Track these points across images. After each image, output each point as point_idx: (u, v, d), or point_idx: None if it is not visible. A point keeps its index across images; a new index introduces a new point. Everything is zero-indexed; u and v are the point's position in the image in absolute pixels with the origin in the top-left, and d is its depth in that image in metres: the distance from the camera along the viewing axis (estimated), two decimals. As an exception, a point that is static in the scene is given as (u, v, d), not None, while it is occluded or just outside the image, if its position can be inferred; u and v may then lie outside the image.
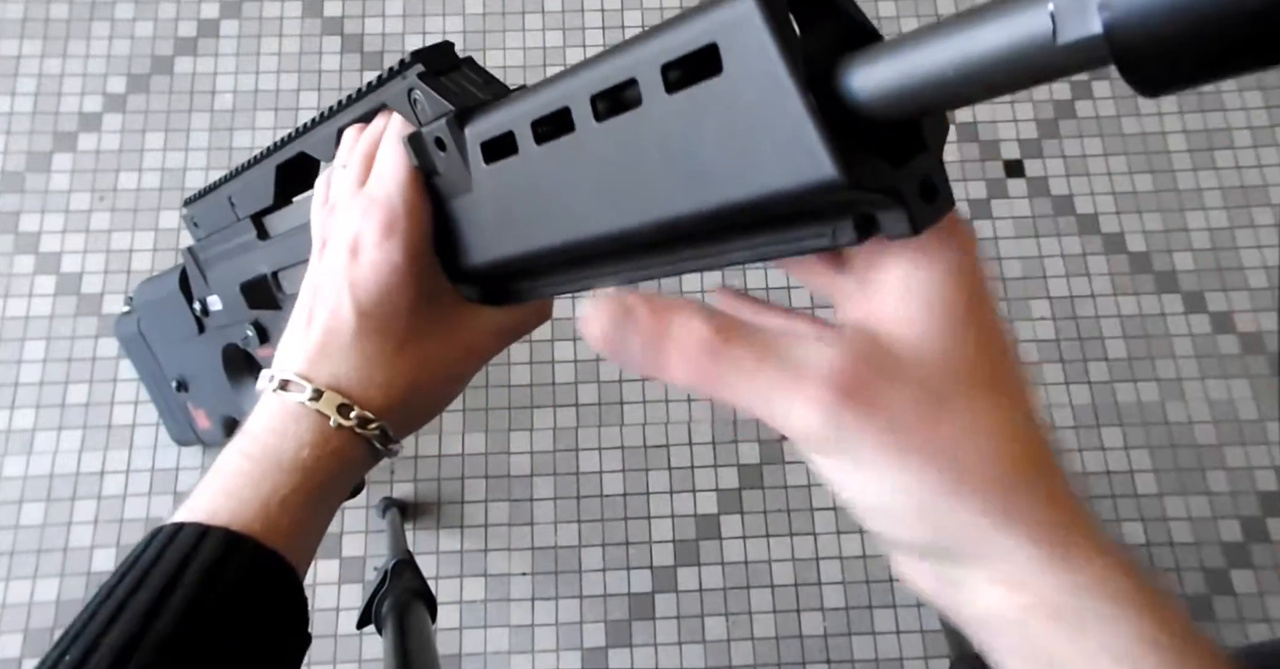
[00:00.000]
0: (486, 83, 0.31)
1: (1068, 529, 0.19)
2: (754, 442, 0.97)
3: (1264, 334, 1.00)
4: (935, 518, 0.19)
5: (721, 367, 0.19)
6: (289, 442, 0.29)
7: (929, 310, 0.19)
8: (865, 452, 0.19)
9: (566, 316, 1.00)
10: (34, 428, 0.95)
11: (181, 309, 0.57)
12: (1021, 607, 0.19)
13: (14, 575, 0.90)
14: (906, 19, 1.12)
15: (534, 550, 0.93)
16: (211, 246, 0.50)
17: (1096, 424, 0.98)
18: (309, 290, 0.32)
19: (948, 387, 0.19)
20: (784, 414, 0.19)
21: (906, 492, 0.19)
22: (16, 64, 1.07)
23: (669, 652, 0.90)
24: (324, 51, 1.10)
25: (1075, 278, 1.03)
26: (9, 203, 1.02)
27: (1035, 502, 0.19)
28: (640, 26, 1.11)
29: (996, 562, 0.19)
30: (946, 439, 0.18)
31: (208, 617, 0.26)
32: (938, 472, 0.18)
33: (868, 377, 0.18)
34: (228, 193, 0.46)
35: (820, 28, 0.19)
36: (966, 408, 0.19)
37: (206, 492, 0.29)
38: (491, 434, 0.97)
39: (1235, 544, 0.94)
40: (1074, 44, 0.15)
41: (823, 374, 0.18)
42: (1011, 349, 0.21)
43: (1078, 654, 0.18)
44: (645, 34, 0.21)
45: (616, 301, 0.21)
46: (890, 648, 0.91)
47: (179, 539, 0.27)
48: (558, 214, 0.25)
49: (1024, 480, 0.19)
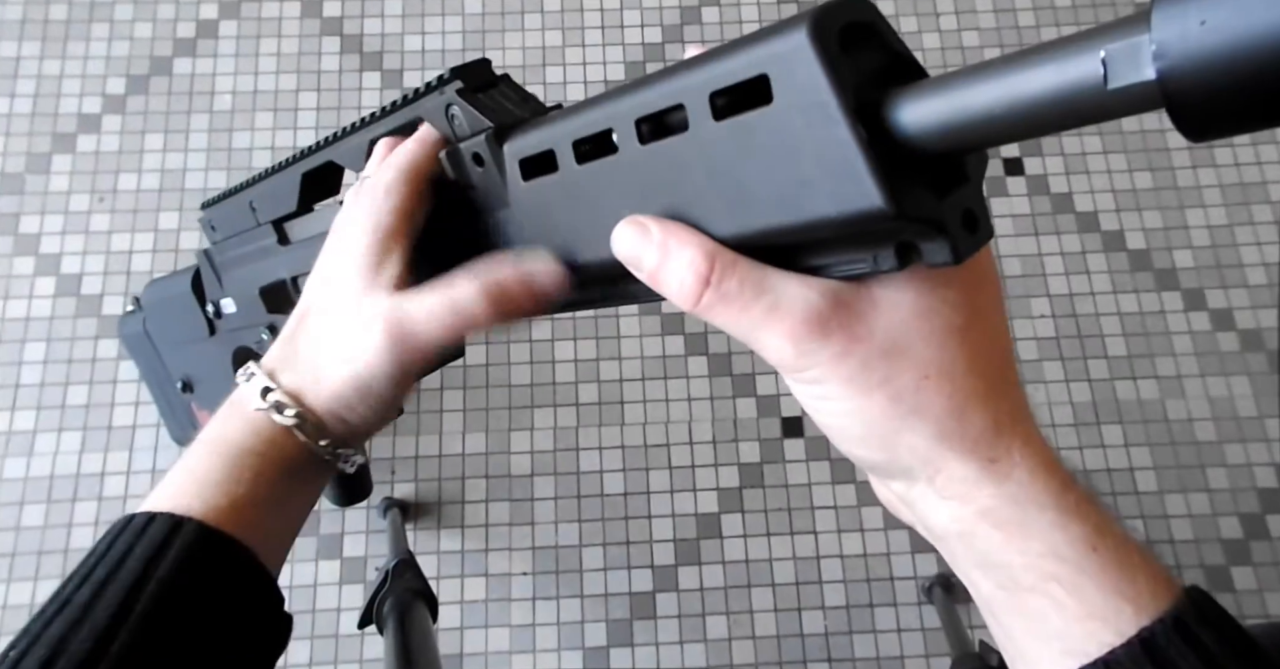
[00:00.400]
0: (523, 100, 0.32)
1: (998, 439, 0.21)
2: (754, 441, 0.97)
3: (1263, 331, 1.00)
4: (887, 440, 0.22)
5: (714, 297, 0.22)
6: (242, 429, 0.30)
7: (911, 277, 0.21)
8: (832, 384, 0.21)
9: (566, 316, 1.00)
10: (34, 430, 0.95)
11: (192, 310, 0.57)
12: (966, 517, 0.22)
13: (15, 577, 0.90)
14: (906, 18, 1.12)
15: (535, 550, 0.93)
16: (229, 250, 0.50)
17: (1097, 422, 0.98)
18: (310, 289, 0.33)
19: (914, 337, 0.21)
20: (763, 344, 0.22)
21: (865, 418, 0.22)
22: (16, 65, 1.07)
23: (670, 651, 0.90)
24: (323, 52, 1.10)
25: (1075, 276, 1.03)
26: (8, 204, 1.02)
27: (975, 420, 0.21)
28: (639, 26, 1.11)
29: (939, 477, 0.22)
30: (906, 380, 0.21)
31: (151, 604, 0.25)
32: (893, 403, 0.21)
33: (843, 320, 0.21)
34: (249, 197, 0.46)
35: (868, 60, 0.19)
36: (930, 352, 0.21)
37: (162, 484, 0.29)
38: (492, 434, 0.97)
39: (1235, 541, 0.94)
40: (1125, 89, 0.15)
41: (799, 313, 0.21)
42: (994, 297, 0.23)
43: (1023, 557, 0.21)
44: (693, 61, 0.21)
45: (639, 222, 0.23)
46: (891, 646, 0.91)
47: (129, 528, 0.27)
48: (597, 233, 0.25)
49: (974, 406, 0.21)
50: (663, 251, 0.22)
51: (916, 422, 0.21)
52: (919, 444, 0.21)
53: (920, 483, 0.22)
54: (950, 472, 0.22)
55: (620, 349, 1.00)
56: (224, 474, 0.28)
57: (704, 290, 0.22)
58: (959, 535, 0.22)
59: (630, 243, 0.23)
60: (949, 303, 0.21)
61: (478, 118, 0.30)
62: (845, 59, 0.18)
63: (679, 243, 0.22)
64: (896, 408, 0.21)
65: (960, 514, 0.22)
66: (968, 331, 0.22)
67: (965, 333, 0.22)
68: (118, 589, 0.25)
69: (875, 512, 0.95)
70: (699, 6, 1.12)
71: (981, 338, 0.22)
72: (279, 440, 0.29)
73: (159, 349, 0.70)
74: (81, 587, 0.25)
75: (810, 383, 0.22)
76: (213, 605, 0.26)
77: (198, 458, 0.29)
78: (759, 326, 0.21)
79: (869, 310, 0.21)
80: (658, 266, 0.23)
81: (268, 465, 0.29)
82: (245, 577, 0.27)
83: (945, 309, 0.21)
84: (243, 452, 0.29)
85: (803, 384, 0.22)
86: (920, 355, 0.21)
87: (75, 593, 0.25)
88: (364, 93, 1.08)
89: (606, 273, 0.27)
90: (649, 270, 0.23)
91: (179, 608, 0.25)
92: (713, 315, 0.22)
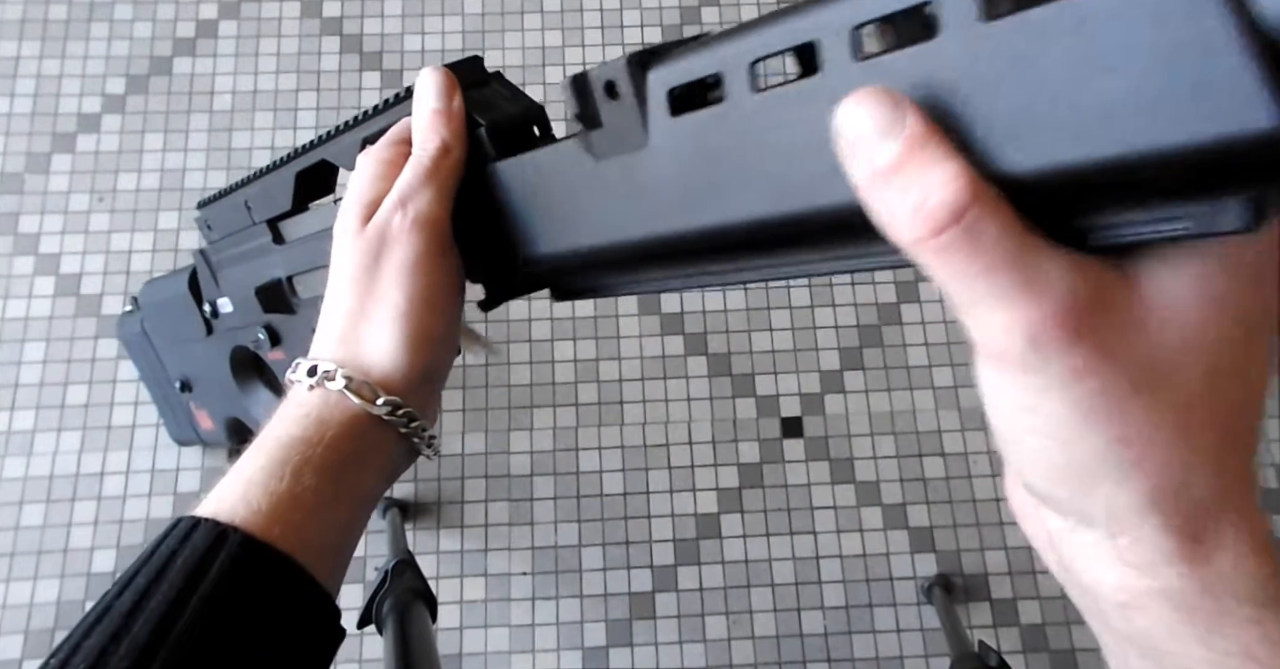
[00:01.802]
0: (514, 97, 0.32)
1: (1216, 513, 0.16)
2: (754, 441, 0.97)
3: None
4: (1085, 482, 0.17)
5: (958, 239, 0.15)
6: (303, 427, 0.29)
7: (1209, 302, 0.16)
8: (1051, 402, 0.16)
9: (566, 316, 1.00)
10: (34, 429, 0.95)
11: (190, 310, 0.58)
12: (1140, 590, 0.17)
13: (14, 577, 0.90)
14: (905, 18, 1.12)
15: (534, 550, 0.93)
16: (224, 249, 0.50)
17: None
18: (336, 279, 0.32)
19: (1181, 367, 0.16)
20: (983, 323, 0.16)
21: (1072, 455, 0.17)
22: (15, 65, 1.07)
23: (670, 651, 0.90)
24: (323, 52, 1.10)
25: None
26: (8, 204, 1.02)
27: (1200, 485, 0.16)
28: (639, 26, 1.11)
29: (1124, 538, 0.17)
30: (1142, 416, 0.16)
31: (193, 616, 0.24)
32: (1117, 447, 0.16)
33: (1098, 322, 0.16)
34: (244, 197, 0.46)
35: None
36: (1186, 395, 0.16)
37: (215, 490, 0.28)
38: (491, 434, 0.97)
39: (1235, 542, 0.94)
40: None
41: (1055, 300, 0.15)
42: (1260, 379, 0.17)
43: (1206, 651, 0.16)
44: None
45: (891, 94, 0.16)
46: (891, 646, 0.91)
47: (173, 534, 0.26)
48: (788, 178, 0.20)
49: (1205, 468, 0.16)
50: (912, 150, 0.16)
51: (1134, 473, 0.16)
52: (1122, 499, 0.16)
53: (1097, 534, 0.17)
54: (1143, 538, 0.17)
55: (620, 349, 1.00)
56: (268, 472, 0.27)
57: (951, 225, 0.15)
58: (1122, 606, 0.17)
59: (871, 118, 0.16)
60: (1241, 322, 0.16)
61: (470, 115, 0.30)
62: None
63: (940, 149, 0.16)
64: (1119, 454, 0.16)
65: (1135, 586, 0.17)
66: (1245, 365, 0.16)
67: (1244, 368, 0.16)
68: (161, 602, 0.24)
69: (875, 512, 0.95)
70: (699, 6, 1.12)
71: (1248, 373, 0.17)
72: (330, 418, 0.29)
73: (157, 349, 0.70)
74: (123, 594, 0.25)
75: (1021, 389, 0.16)
76: (256, 621, 0.26)
77: (248, 458, 0.29)
78: (992, 299, 0.16)
79: (1132, 316, 0.16)
80: (896, 166, 0.16)
81: (317, 452, 0.28)
82: (289, 589, 0.27)
83: (1234, 329, 0.16)
84: (292, 442, 0.28)
85: (1008, 385, 0.17)
86: (1179, 394, 0.16)
87: (117, 599, 0.25)
88: (364, 93, 1.08)
89: (789, 229, 0.21)
90: (880, 167, 0.16)
91: (221, 624, 0.25)
92: (939, 261, 0.16)
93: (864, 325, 1.01)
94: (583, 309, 1.01)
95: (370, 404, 0.29)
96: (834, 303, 1.02)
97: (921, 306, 1.02)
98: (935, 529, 0.95)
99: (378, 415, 0.30)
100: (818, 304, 1.02)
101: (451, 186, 0.30)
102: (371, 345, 0.30)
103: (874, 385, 0.99)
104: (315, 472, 0.28)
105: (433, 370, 0.32)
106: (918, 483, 0.96)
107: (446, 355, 0.33)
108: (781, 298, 1.02)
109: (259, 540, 0.26)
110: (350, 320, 0.31)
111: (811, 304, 1.02)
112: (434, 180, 0.30)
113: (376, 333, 0.30)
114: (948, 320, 1.01)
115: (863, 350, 1.00)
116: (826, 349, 1.00)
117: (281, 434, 0.29)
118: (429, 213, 0.30)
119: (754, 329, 1.01)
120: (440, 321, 0.31)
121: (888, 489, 0.96)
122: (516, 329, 0.99)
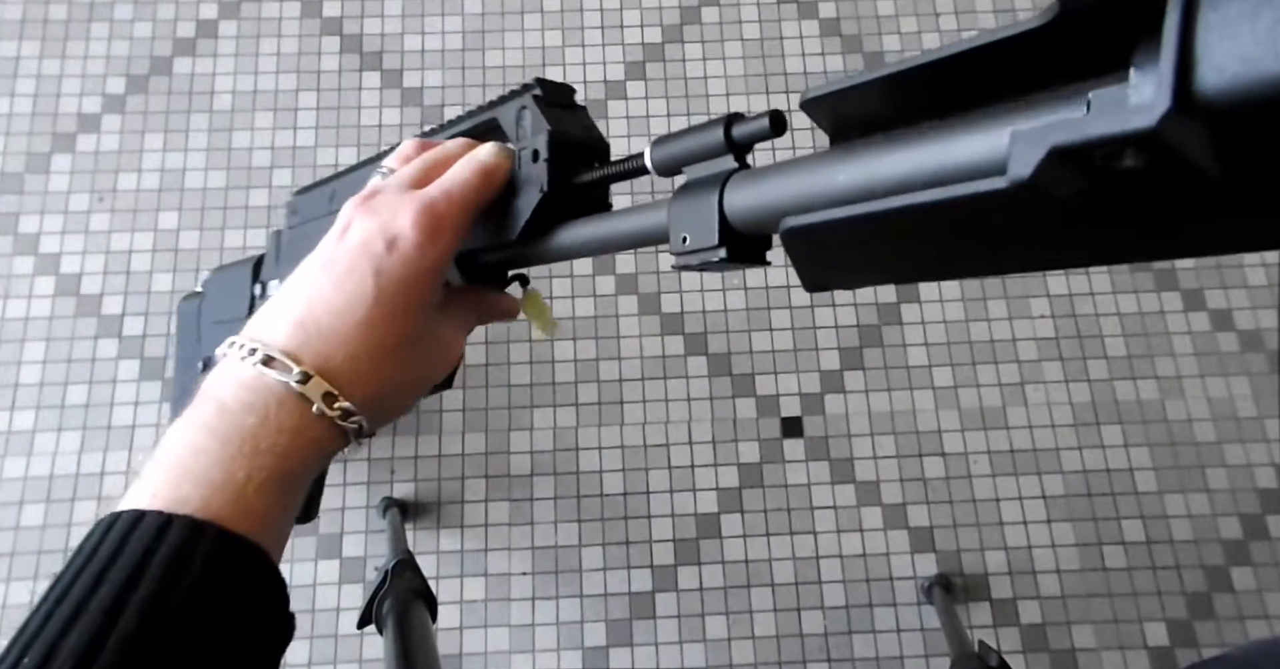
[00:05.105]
0: (588, 128, 0.35)
1: None
2: (754, 441, 0.97)
3: (1263, 331, 1.00)
4: None
5: None
6: (267, 425, 0.28)
7: None
8: None
9: (566, 316, 1.00)
10: (34, 429, 0.95)
11: (242, 288, 0.59)
12: None
13: (14, 576, 0.90)
14: (906, 18, 1.12)
15: (534, 550, 0.93)
16: (300, 235, 0.53)
17: (1096, 422, 0.98)
18: (318, 265, 0.31)
19: None
20: None
21: None
22: (15, 65, 1.07)
23: (670, 651, 0.90)
24: (323, 52, 1.10)
25: (1074, 276, 1.03)
26: (8, 204, 1.02)
27: None
28: (639, 26, 1.11)
29: None
30: None
31: (175, 612, 0.24)
32: None
33: None
34: (333, 188, 0.49)
35: None
36: None
37: (167, 474, 0.27)
38: (491, 434, 0.97)
39: (1235, 542, 0.94)
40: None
41: None
42: None
43: None
44: None
45: None
46: (891, 646, 0.91)
47: (140, 529, 0.25)
48: None
49: None
50: None
51: None
52: None
53: None
54: None
55: (620, 349, 1.00)
56: (225, 463, 0.27)
57: None
58: None
59: None
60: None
61: (541, 120, 0.34)
62: None
63: None
64: None
65: None
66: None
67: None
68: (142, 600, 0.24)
69: (875, 512, 0.95)
70: (699, 6, 1.12)
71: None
72: (282, 419, 0.28)
73: (202, 329, 0.71)
74: (98, 589, 0.24)
75: None
76: (228, 617, 0.25)
77: (199, 439, 0.28)
78: None
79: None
80: None
81: (271, 459, 0.28)
82: (260, 582, 0.27)
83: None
84: (244, 430, 0.28)
85: None
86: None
87: (90, 596, 0.24)
88: (364, 93, 1.08)
89: None
90: None
91: (198, 623, 0.25)
92: None
93: (864, 325, 1.01)
94: (583, 309, 1.01)
95: (328, 408, 0.29)
96: (834, 303, 1.02)
97: (921, 306, 1.02)
98: (935, 529, 0.95)
99: (330, 418, 0.29)
100: (818, 304, 1.02)
101: (488, 198, 0.34)
102: (338, 344, 0.30)
103: (874, 385, 0.99)
104: (278, 479, 0.28)
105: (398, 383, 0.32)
106: (918, 483, 0.96)
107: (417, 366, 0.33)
108: (781, 298, 1.02)
109: (233, 534, 0.26)
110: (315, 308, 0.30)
111: (811, 304, 1.02)
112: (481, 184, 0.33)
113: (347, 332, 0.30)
114: (948, 320, 1.01)
115: (863, 350, 1.00)
116: (826, 349, 1.00)
117: (243, 429, 0.28)
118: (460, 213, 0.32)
119: (754, 329, 1.01)
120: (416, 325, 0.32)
121: (888, 489, 0.96)
122: (517, 329, 0.99)
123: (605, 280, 1.02)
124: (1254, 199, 0.15)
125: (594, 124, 0.36)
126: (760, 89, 1.08)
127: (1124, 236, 0.17)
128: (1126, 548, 0.94)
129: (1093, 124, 0.14)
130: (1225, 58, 0.13)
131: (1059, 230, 0.17)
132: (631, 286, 1.02)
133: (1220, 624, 0.91)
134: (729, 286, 1.02)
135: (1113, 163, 0.15)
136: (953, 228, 0.19)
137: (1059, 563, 0.93)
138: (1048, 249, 0.19)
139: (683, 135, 0.29)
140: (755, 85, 1.09)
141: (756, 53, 1.10)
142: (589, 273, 1.02)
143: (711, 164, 0.28)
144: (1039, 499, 0.95)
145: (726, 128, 0.27)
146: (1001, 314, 1.02)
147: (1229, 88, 0.13)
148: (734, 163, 0.28)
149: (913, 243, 0.21)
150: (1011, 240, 0.19)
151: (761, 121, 0.27)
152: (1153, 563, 0.93)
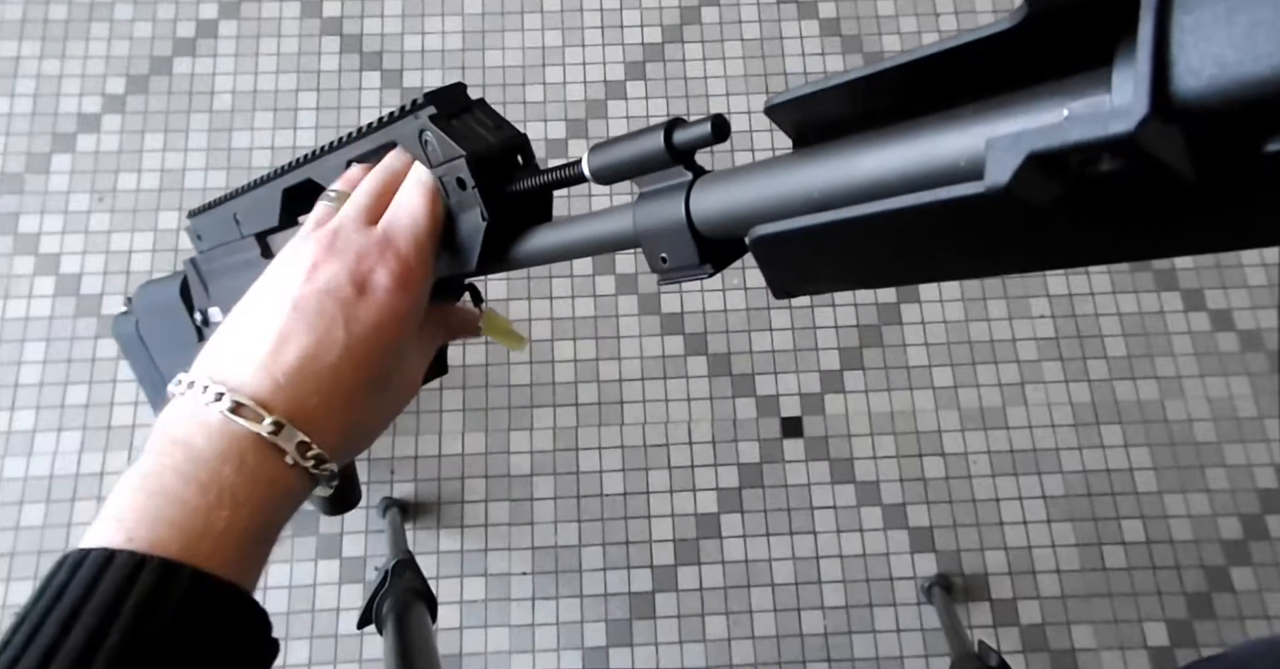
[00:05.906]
0: (497, 126, 0.33)
1: None
2: (753, 441, 0.97)
3: (1263, 331, 1.00)
4: None
5: None
6: (242, 474, 0.26)
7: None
8: None
9: (566, 316, 1.00)
10: (34, 429, 0.95)
11: (182, 316, 0.58)
12: None
13: (14, 576, 0.90)
14: (906, 18, 1.12)
15: (534, 550, 0.93)
16: (215, 260, 0.51)
17: (1096, 422, 0.98)
18: (284, 305, 0.30)
19: None
20: None
21: None
22: (15, 65, 1.07)
23: (670, 651, 0.90)
24: (323, 52, 1.10)
25: (1074, 276, 1.03)
26: (8, 204, 1.02)
27: None
28: (639, 26, 1.11)
29: None
30: None
31: (149, 658, 0.23)
32: None
33: None
34: (233, 209, 0.46)
35: None
36: None
37: (143, 516, 0.25)
38: (491, 434, 0.97)
39: (1235, 541, 0.94)
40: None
41: None
42: None
43: None
44: None
45: None
46: (890, 646, 0.91)
47: (112, 569, 0.24)
48: None
49: None
50: None
51: None
52: None
53: None
54: None
55: (620, 349, 1.00)
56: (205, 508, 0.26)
57: None
58: None
59: None
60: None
61: (450, 144, 0.32)
62: None
63: None
64: None
65: None
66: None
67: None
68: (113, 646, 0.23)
69: (875, 512, 0.95)
70: (699, 6, 1.12)
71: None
72: (295, 489, 0.28)
73: (151, 352, 0.70)
74: (68, 634, 0.23)
75: None
76: (205, 660, 0.24)
77: (166, 478, 0.26)
78: None
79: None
80: None
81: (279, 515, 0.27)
82: (238, 620, 0.26)
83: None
84: (258, 505, 0.26)
85: None
86: None
87: (60, 642, 0.22)
88: (364, 93, 1.08)
89: None
90: None
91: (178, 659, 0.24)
92: None
93: (864, 325, 1.01)
94: (583, 309, 1.01)
95: (301, 459, 0.28)
96: (834, 303, 1.02)
97: (921, 306, 1.02)
98: (935, 529, 0.95)
99: (305, 468, 0.28)
100: (818, 304, 1.02)
101: (441, 223, 0.33)
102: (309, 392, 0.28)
103: (874, 385, 0.99)
104: (258, 527, 0.27)
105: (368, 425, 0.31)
106: (918, 483, 0.96)
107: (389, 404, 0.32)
108: (781, 298, 1.02)
109: (208, 574, 0.25)
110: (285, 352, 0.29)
111: (811, 304, 1.02)
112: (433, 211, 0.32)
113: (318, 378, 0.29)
114: (948, 320, 1.01)
115: (863, 350, 1.00)
116: (826, 349, 1.00)
117: (219, 478, 0.26)
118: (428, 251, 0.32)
119: (754, 329, 1.01)
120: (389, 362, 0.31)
121: (888, 489, 0.96)
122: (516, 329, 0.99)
123: (605, 280, 1.02)
124: (1231, 198, 0.15)
125: (499, 115, 0.33)
126: (760, 89, 1.08)
127: (1101, 238, 0.18)
128: (1126, 548, 0.94)
129: (1070, 129, 0.15)
130: (1201, 61, 0.13)
131: (1036, 233, 0.18)
132: (631, 287, 1.02)
133: (1220, 624, 0.91)
134: (729, 287, 1.02)
135: (1089, 167, 0.15)
136: (929, 232, 0.19)
137: (1059, 563, 0.93)
138: (1025, 252, 0.19)
139: (621, 141, 0.27)
140: (755, 85, 1.09)
141: (756, 53, 1.10)
142: (589, 273, 1.02)
143: (661, 176, 0.27)
144: (1039, 499, 0.95)
145: (667, 134, 0.26)
146: (1001, 314, 1.02)
147: (1205, 91, 0.14)
148: (685, 173, 0.26)
149: (886, 247, 0.20)
150: (988, 243, 0.19)
151: (704, 127, 0.25)
152: (1153, 563, 0.93)
